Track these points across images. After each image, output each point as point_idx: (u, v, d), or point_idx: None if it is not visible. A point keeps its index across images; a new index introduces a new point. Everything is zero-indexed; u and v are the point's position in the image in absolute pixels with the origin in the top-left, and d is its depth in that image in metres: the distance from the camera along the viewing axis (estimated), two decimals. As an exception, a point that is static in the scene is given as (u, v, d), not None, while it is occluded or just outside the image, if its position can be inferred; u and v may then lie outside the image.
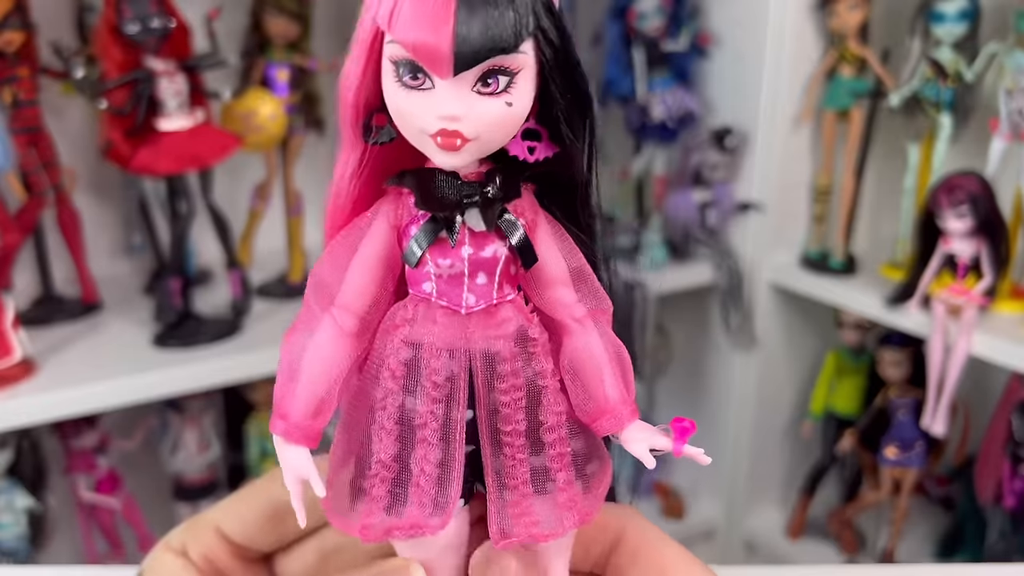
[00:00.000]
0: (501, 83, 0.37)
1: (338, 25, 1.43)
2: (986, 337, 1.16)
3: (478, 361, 0.41)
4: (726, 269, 1.44)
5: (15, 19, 1.08)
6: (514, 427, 0.42)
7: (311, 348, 0.41)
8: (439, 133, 0.37)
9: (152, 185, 1.32)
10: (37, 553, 1.20)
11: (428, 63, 0.36)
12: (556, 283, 0.43)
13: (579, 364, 0.43)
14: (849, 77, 1.33)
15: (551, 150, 0.41)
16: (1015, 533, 1.24)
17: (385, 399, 0.41)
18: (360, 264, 0.41)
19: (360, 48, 0.39)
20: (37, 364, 1.10)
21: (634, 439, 0.43)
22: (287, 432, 0.41)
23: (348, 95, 0.40)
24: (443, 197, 0.40)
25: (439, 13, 0.35)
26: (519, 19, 0.36)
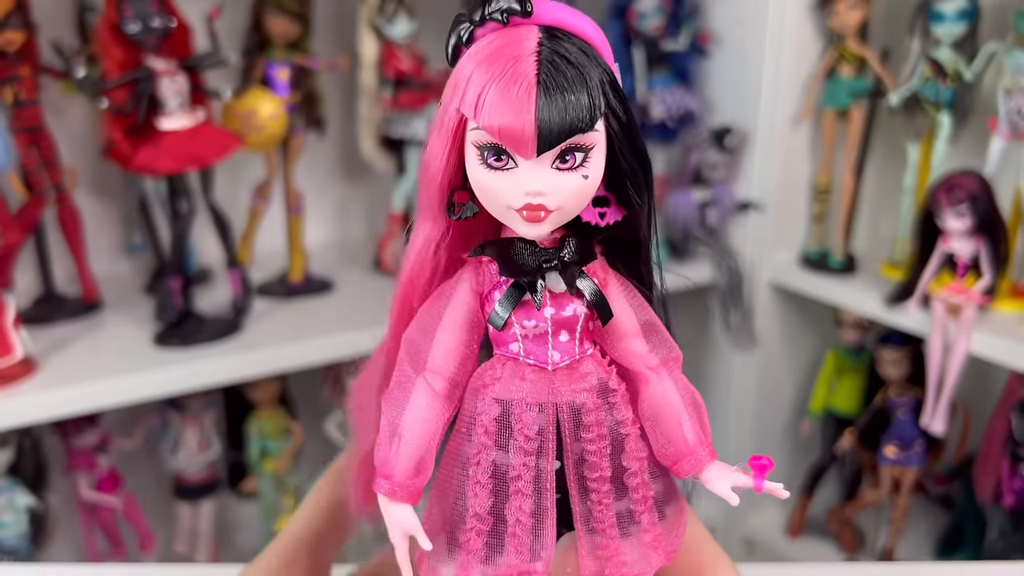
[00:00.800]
0: (578, 159, 0.41)
1: (338, 25, 1.43)
2: (985, 336, 1.16)
3: (565, 413, 0.44)
4: (726, 268, 1.45)
5: (16, 18, 1.08)
6: (600, 474, 0.45)
7: (408, 411, 0.44)
8: (525, 208, 0.41)
9: (153, 184, 1.33)
10: (38, 551, 1.20)
11: (513, 147, 0.40)
12: (629, 336, 0.46)
13: (658, 411, 0.46)
14: (849, 76, 1.33)
15: (620, 214, 0.45)
16: (1014, 532, 1.24)
17: (479, 454, 0.44)
18: (448, 329, 0.45)
19: (444, 135, 0.42)
20: (38, 363, 1.10)
21: (715, 478, 0.47)
22: (391, 492, 0.44)
23: (436, 179, 0.43)
24: (524, 263, 0.43)
25: (521, 101, 0.39)
26: (592, 102, 0.40)
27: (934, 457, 1.38)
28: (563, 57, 0.39)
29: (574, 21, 0.42)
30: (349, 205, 1.58)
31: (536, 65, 0.39)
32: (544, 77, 0.39)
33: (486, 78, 0.39)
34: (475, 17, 0.41)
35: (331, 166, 1.54)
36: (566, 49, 0.40)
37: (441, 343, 0.45)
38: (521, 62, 0.39)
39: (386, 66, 1.30)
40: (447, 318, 0.45)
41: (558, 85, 0.39)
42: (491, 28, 0.41)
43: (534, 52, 0.39)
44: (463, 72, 0.41)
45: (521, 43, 0.40)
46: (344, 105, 1.46)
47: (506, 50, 0.40)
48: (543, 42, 0.40)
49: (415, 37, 1.30)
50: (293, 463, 1.38)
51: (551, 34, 0.40)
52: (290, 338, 1.19)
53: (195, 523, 1.37)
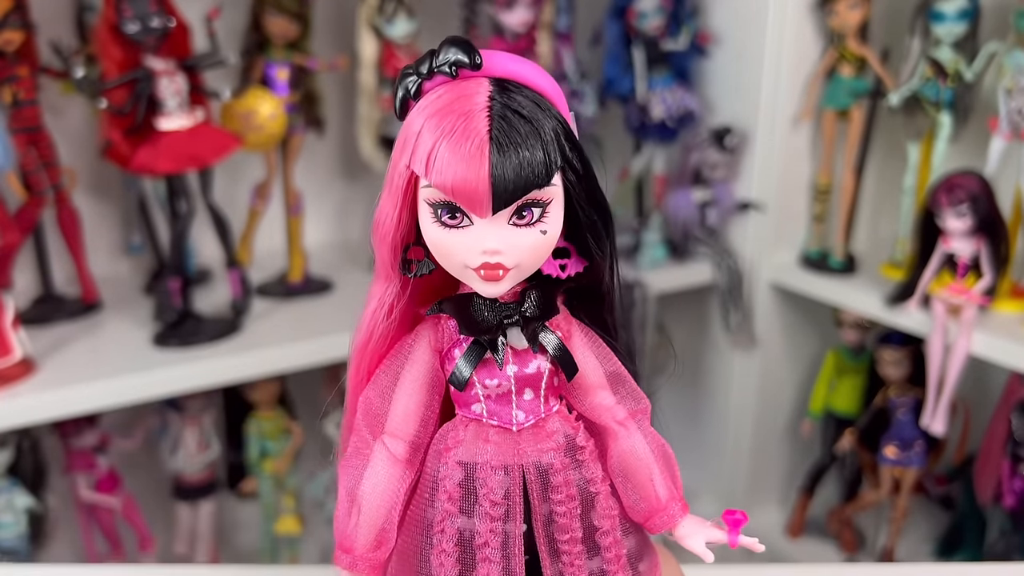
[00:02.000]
0: (535, 214, 0.39)
1: (338, 25, 1.43)
2: (986, 336, 1.16)
3: (531, 475, 0.43)
4: (726, 268, 1.44)
5: (15, 18, 1.08)
6: (571, 535, 0.44)
7: (367, 479, 0.42)
8: (483, 266, 0.40)
9: (152, 184, 1.33)
10: (37, 552, 1.20)
11: (467, 205, 0.38)
12: (595, 388, 0.45)
13: (628, 467, 0.45)
14: (849, 76, 1.33)
15: (581, 265, 0.44)
16: (1015, 532, 1.24)
17: (443, 522, 0.43)
18: (406, 390, 0.43)
19: (395, 193, 0.40)
20: (37, 363, 1.10)
21: (689, 535, 0.46)
22: (353, 565, 0.42)
23: (387, 236, 0.42)
24: (484, 320, 0.42)
25: (474, 158, 0.37)
26: (548, 156, 0.38)
27: (934, 457, 1.38)
28: (515, 112, 0.38)
29: (526, 72, 0.40)
30: (349, 205, 1.58)
31: (488, 120, 0.38)
32: (497, 133, 0.37)
33: (436, 134, 0.38)
34: (422, 70, 0.40)
35: (330, 166, 1.54)
36: (518, 103, 0.38)
37: (400, 404, 0.43)
38: (472, 117, 0.38)
39: (386, 66, 1.29)
40: (405, 378, 0.43)
41: (511, 141, 0.37)
42: (440, 81, 0.40)
43: (485, 107, 0.38)
44: (412, 127, 0.39)
45: (472, 97, 0.38)
46: (343, 105, 1.46)
47: (456, 104, 0.38)
48: (494, 95, 0.38)
49: (415, 37, 1.29)
50: (293, 463, 1.38)
51: (502, 87, 0.39)
52: (290, 338, 1.19)
53: (194, 524, 1.37)
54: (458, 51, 0.39)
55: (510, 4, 1.29)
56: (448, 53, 0.39)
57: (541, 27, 1.34)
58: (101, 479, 1.27)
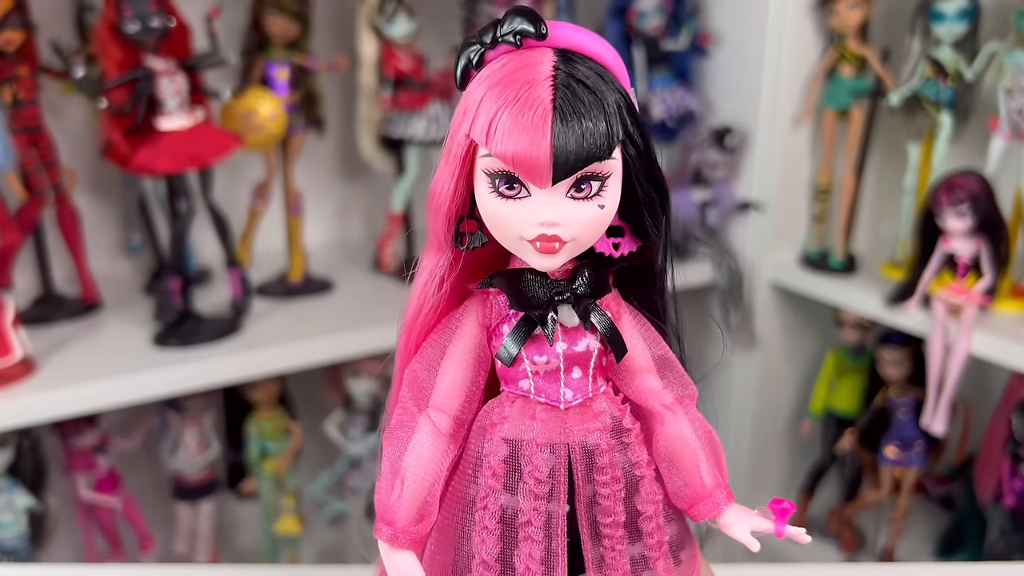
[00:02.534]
0: (594, 187, 0.39)
1: (337, 24, 1.43)
2: (986, 336, 1.16)
3: (577, 454, 0.42)
4: (726, 268, 1.44)
5: (15, 18, 1.08)
6: (614, 519, 0.43)
7: (411, 451, 0.42)
8: (539, 239, 0.39)
9: (152, 184, 1.33)
10: (37, 552, 1.20)
11: (527, 175, 0.37)
12: (643, 372, 0.44)
13: (674, 452, 0.44)
14: (849, 76, 1.33)
15: (634, 244, 0.43)
16: (1015, 532, 1.24)
17: (486, 498, 0.42)
18: (452, 365, 0.43)
19: (452, 161, 0.40)
20: (37, 363, 1.10)
21: (734, 523, 0.45)
22: (393, 538, 0.42)
23: (442, 207, 0.41)
24: (535, 296, 0.41)
25: (537, 126, 0.36)
26: (610, 128, 0.38)
27: (934, 457, 1.38)
28: (580, 82, 0.37)
29: (590, 44, 0.40)
30: (349, 205, 1.58)
31: (552, 90, 0.37)
32: (560, 102, 0.37)
33: (499, 103, 0.37)
34: (486, 39, 0.39)
35: (330, 166, 1.54)
36: (583, 73, 0.38)
37: (446, 379, 0.42)
38: (536, 86, 0.37)
39: (386, 66, 1.29)
40: (452, 352, 0.43)
41: (575, 111, 0.37)
42: (503, 51, 0.39)
43: (549, 76, 0.37)
44: (474, 96, 0.38)
45: (536, 67, 0.38)
46: (343, 105, 1.46)
47: (520, 74, 0.38)
48: (558, 66, 0.38)
49: (415, 37, 1.29)
50: (293, 464, 1.38)
51: (566, 57, 0.38)
52: (290, 338, 1.19)
53: (194, 524, 1.37)
54: (523, 20, 0.39)
55: (510, 4, 1.29)
56: (513, 22, 0.38)
57: (541, 27, 1.34)
58: (101, 479, 1.27)
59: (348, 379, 1.36)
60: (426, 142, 1.32)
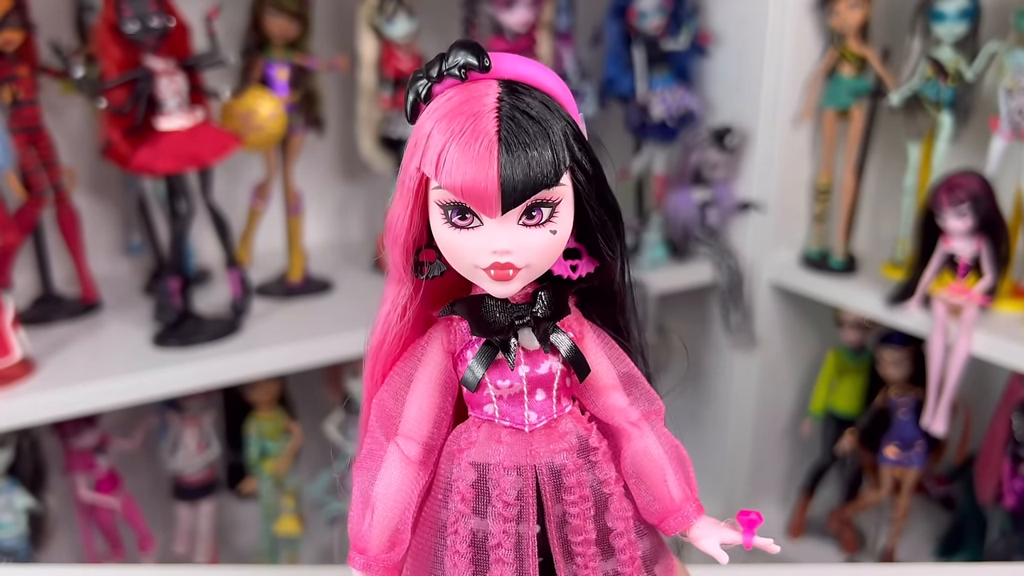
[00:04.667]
0: (544, 214, 0.40)
1: (337, 24, 1.43)
2: (986, 336, 1.16)
3: (544, 475, 0.43)
4: (726, 268, 1.44)
5: (14, 18, 1.08)
6: (584, 537, 0.43)
7: (381, 480, 0.42)
8: (492, 267, 0.40)
9: (151, 184, 1.32)
10: (37, 552, 1.20)
11: (477, 205, 0.38)
12: (608, 389, 0.45)
13: (642, 468, 0.45)
14: (849, 76, 1.33)
15: (592, 265, 0.44)
16: (1015, 532, 1.24)
17: (456, 523, 0.43)
18: (419, 392, 0.43)
19: (405, 194, 0.41)
20: (37, 363, 1.10)
21: (703, 536, 0.46)
22: (367, 566, 0.42)
23: (399, 239, 0.42)
24: (495, 321, 0.42)
25: (483, 158, 0.38)
26: (556, 156, 0.39)
27: (935, 458, 1.38)
28: (524, 112, 0.38)
29: (535, 74, 0.40)
30: (348, 205, 1.58)
31: (497, 121, 0.38)
32: (505, 133, 0.38)
33: (446, 136, 0.38)
34: (432, 73, 0.40)
35: (330, 166, 1.54)
36: (527, 104, 0.39)
37: (413, 406, 0.43)
38: (481, 119, 0.38)
39: (385, 66, 1.29)
40: (419, 380, 0.43)
41: (520, 141, 0.38)
42: (449, 84, 0.40)
43: (494, 108, 0.38)
44: (423, 130, 0.39)
45: (481, 99, 0.39)
46: (343, 105, 1.46)
47: (465, 106, 0.38)
48: (503, 97, 0.39)
49: (414, 37, 1.29)
50: (292, 464, 1.38)
51: (511, 88, 0.39)
52: (289, 338, 1.19)
53: (194, 524, 1.37)
54: (467, 54, 0.40)
55: (510, 4, 1.29)
56: (457, 56, 0.39)
57: (541, 27, 1.34)
58: (101, 479, 1.26)
59: (348, 379, 1.35)
60: (426, 142, 1.31)
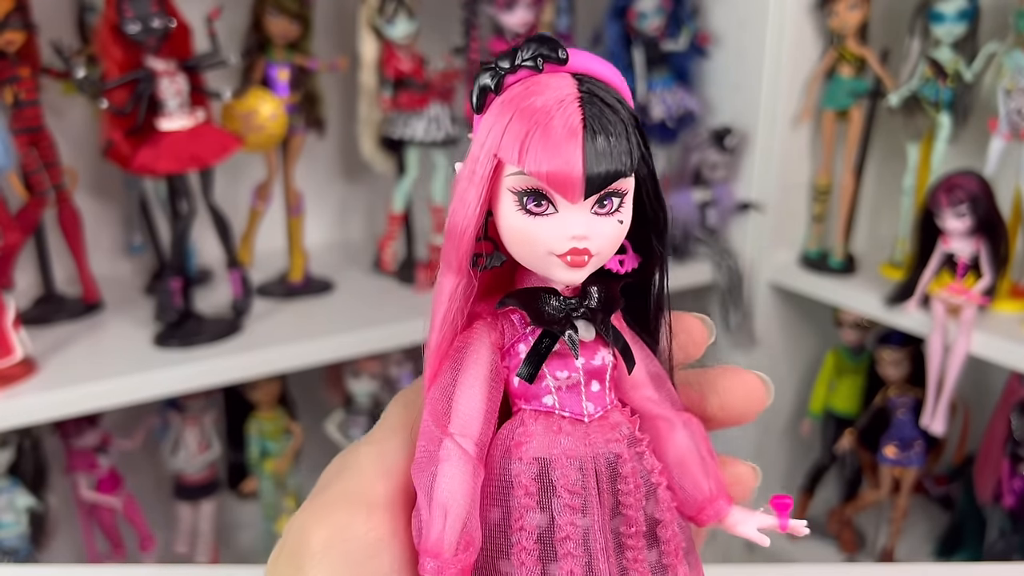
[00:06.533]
0: (615, 203, 0.41)
1: (338, 25, 1.43)
2: (985, 336, 1.16)
3: (602, 466, 0.43)
4: (726, 269, 1.44)
5: (16, 19, 1.08)
6: (636, 528, 0.44)
7: (443, 481, 0.42)
8: (570, 252, 0.40)
9: (153, 185, 1.33)
10: (38, 552, 1.20)
11: (560, 190, 0.39)
12: (642, 386, 0.46)
13: (684, 459, 0.46)
14: (849, 77, 1.33)
15: (636, 261, 0.44)
16: (1014, 532, 1.24)
17: (521, 519, 0.42)
18: (469, 388, 0.43)
19: (478, 183, 0.41)
20: (38, 363, 1.10)
21: (741, 522, 0.46)
22: (439, 571, 0.41)
23: (467, 230, 0.42)
24: (553, 313, 0.42)
25: (569, 145, 0.39)
26: (631, 147, 0.40)
27: (934, 457, 1.38)
28: (603, 102, 0.40)
29: (602, 70, 0.42)
30: (349, 205, 1.58)
31: (580, 109, 0.39)
32: (590, 121, 0.39)
33: (529, 123, 0.39)
34: (505, 64, 0.41)
35: (331, 166, 1.54)
36: (604, 94, 0.40)
37: (464, 403, 0.43)
38: (565, 106, 0.39)
39: (386, 66, 1.30)
40: (468, 376, 0.43)
41: (603, 129, 0.39)
42: (523, 75, 0.41)
43: (576, 97, 0.39)
44: (499, 119, 0.40)
45: (561, 88, 0.40)
46: (344, 105, 1.46)
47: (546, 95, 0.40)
48: (581, 88, 0.40)
49: (415, 37, 1.30)
50: (293, 463, 1.38)
51: (584, 80, 0.40)
52: (290, 338, 1.19)
53: (195, 523, 1.37)
54: (544, 46, 0.41)
55: (510, 5, 1.29)
56: (534, 48, 0.41)
57: (541, 27, 1.34)
58: (102, 479, 1.27)
59: (348, 379, 1.36)
60: (426, 143, 1.32)
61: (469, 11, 1.33)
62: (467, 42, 1.32)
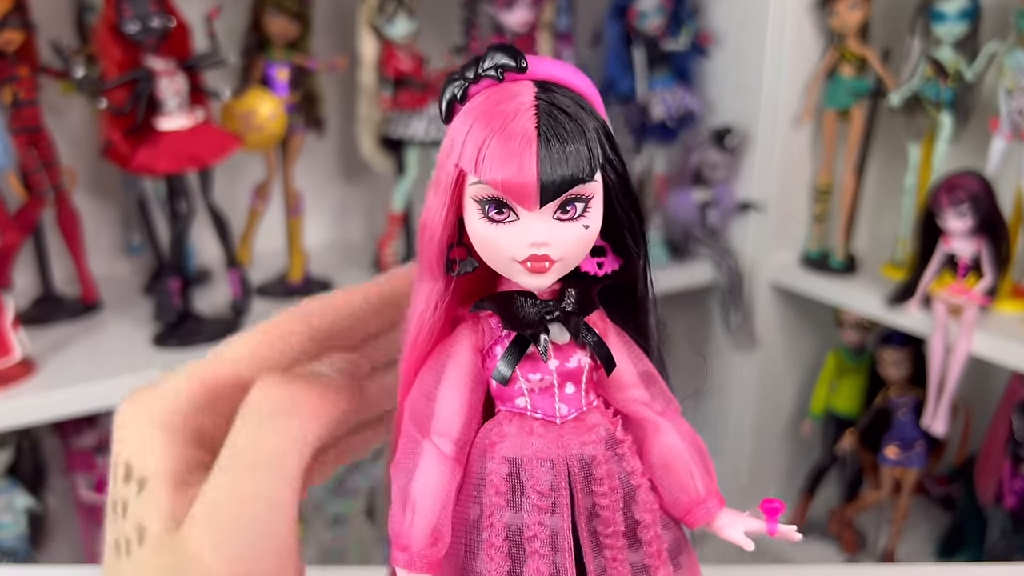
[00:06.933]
0: (578, 209, 0.41)
1: (337, 25, 1.43)
2: (987, 336, 1.16)
3: (575, 467, 0.44)
4: (726, 269, 1.44)
5: (15, 18, 1.08)
6: (614, 528, 0.44)
7: (418, 477, 0.43)
8: (530, 259, 0.41)
9: (152, 184, 1.33)
10: (37, 553, 1.20)
11: (516, 199, 0.40)
12: (630, 387, 0.46)
13: (669, 461, 0.46)
14: (849, 76, 1.33)
15: (616, 263, 0.45)
16: (1015, 533, 1.24)
17: (491, 516, 0.43)
18: (450, 390, 0.44)
19: (443, 191, 0.42)
20: (37, 364, 1.10)
21: (727, 525, 0.47)
22: (410, 563, 0.43)
23: (435, 237, 0.43)
24: (527, 316, 0.43)
25: (523, 153, 0.39)
26: (591, 152, 0.40)
27: (935, 458, 1.38)
28: (560, 109, 0.40)
29: (566, 75, 0.42)
30: (349, 205, 1.58)
31: (535, 118, 0.40)
32: (544, 129, 0.39)
33: (486, 132, 0.40)
34: (468, 74, 0.41)
35: (330, 166, 1.54)
36: (562, 102, 0.40)
37: (445, 404, 0.44)
38: (520, 115, 0.40)
39: (386, 66, 1.29)
40: (449, 378, 0.44)
41: (558, 136, 0.39)
42: (486, 84, 0.42)
43: (532, 106, 0.40)
44: (460, 128, 0.41)
45: (518, 97, 0.40)
46: (343, 105, 1.46)
47: (503, 104, 0.40)
48: (539, 96, 0.40)
49: (415, 37, 1.29)
50: (293, 464, 1.38)
51: (546, 88, 0.41)
52: (289, 339, 1.19)
53: (194, 524, 1.37)
54: (504, 55, 0.41)
55: (510, 4, 1.29)
56: (495, 58, 0.41)
57: (541, 27, 1.34)
58: (101, 479, 1.27)
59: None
60: (426, 142, 1.32)
61: (469, 11, 1.33)
62: (467, 42, 1.32)
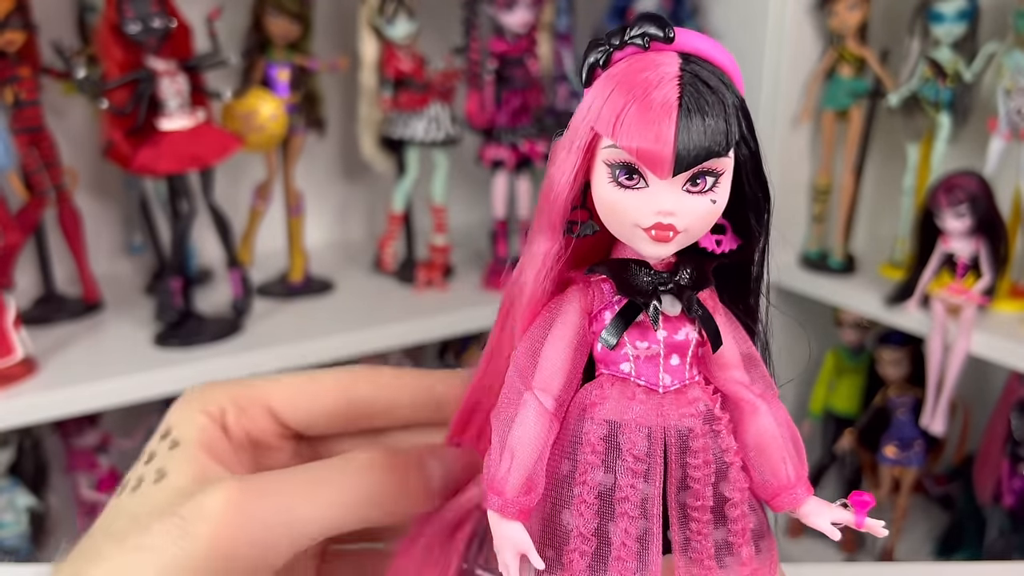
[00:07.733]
0: (708, 183, 0.41)
1: (338, 25, 1.43)
2: (985, 336, 1.16)
3: (672, 437, 0.44)
4: (726, 268, 1.44)
5: (16, 19, 1.08)
6: (702, 502, 0.44)
7: (518, 427, 0.44)
8: (655, 227, 0.41)
9: (153, 185, 1.33)
10: (38, 552, 1.20)
11: (650, 166, 0.40)
12: (731, 366, 0.46)
13: (764, 443, 0.46)
14: (848, 77, 1.33)
15: (735, 242, 0.45)
16: (1014, 532, 1.24)
17: (585, 473, 0.44)
18: (555, 348, 0.45)
19: (575, 152, 0.42)
20: (38, 363, 1.10)
21: (814, 513, 0.47)
22: (503, 508, 0.44)
23: (560, 196, 0.43)
24: (640, 284, 0.44)
25: (662, 121, 0.39)
26: (729, 128, 0.41)
27: (934, 457, 1.38)
28: (703, 82, 0.40)
29: (711, 50, 0.43)
30: (349, 205, 1.58)
31: (678, 88, 0.40)
32: (686, 100, 0.40)
33: (626, 98, 0.40)
34: (614, 41, 0.42)
35: (331, 166, 1.54)
36: (705, 75, 0.41)
37: (548, 360, 0.45)
38: (663, 84, 0.40)
39: (386, 67, 1.30)
40: (555, 336, 0.45)
41: (699, 108, 0.40)
42: (630, 52, 0.42)
43: (676, 76, 0.40)
44: (600, 92, 0.41)
45: (662, 67, 0.41)
46: (344, 106, 1.46)
47: (647, 72, 0.41)
48: (684, 67, 0.41)
49: (415, 38, 1.30)
50: (293, 463, 1.38)
51: (689, 60, 0.41)
52: (290, 338, 1.20)
53: (195, 523, 1.37)
54: (652, 25, 0.42)
55: (510, 5, 1.29)
56: (642, 26, 0.42)
57: (541, 27, 1.34)
58: (102, 479, 1.27)
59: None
60: (426, 143, 1.32)
61: (469, 11, 1.33)
62: (467, 42, 1.32)
